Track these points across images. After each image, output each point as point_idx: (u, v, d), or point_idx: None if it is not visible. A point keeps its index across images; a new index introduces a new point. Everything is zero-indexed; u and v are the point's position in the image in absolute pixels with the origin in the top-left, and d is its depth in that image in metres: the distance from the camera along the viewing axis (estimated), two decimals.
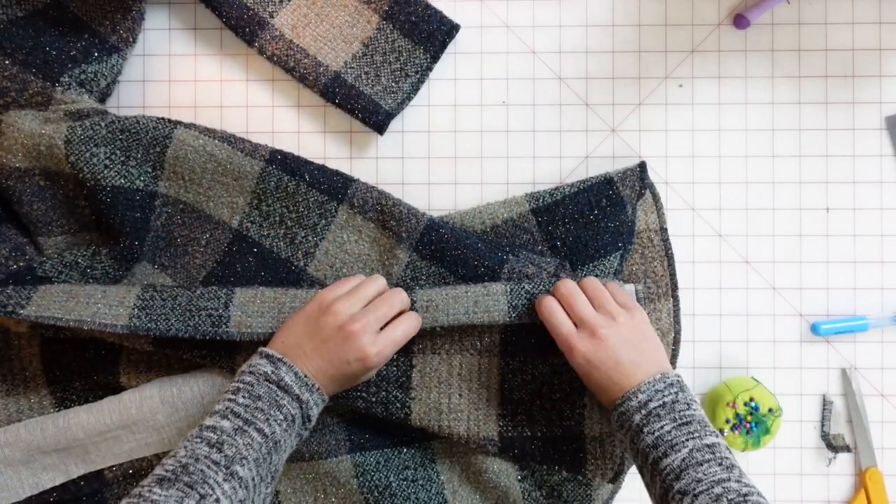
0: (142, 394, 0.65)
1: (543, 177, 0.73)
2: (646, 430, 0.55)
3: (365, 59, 0.71)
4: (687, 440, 0.54)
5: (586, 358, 0.58)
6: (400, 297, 0.61)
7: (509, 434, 0.66)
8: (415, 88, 0.71)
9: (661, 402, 0.56)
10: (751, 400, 0.68)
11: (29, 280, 0.64)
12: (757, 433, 0.68)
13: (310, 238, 0.69)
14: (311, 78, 0.70)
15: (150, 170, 0.67)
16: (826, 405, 0.72)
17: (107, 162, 0.65)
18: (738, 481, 0.51)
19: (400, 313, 0.61)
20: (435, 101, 0.73)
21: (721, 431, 0.68)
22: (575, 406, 0.66)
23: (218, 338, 0.61)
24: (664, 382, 0.57)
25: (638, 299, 0.69)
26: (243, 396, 0.55)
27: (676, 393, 0.57)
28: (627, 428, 0.57)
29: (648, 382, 0.57)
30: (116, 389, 0.66)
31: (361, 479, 0.67)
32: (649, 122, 0.73)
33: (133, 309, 0.61)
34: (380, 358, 0.58)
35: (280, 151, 0.68)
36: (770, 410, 0.68)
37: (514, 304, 0.63)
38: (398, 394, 0.65)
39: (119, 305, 0.61)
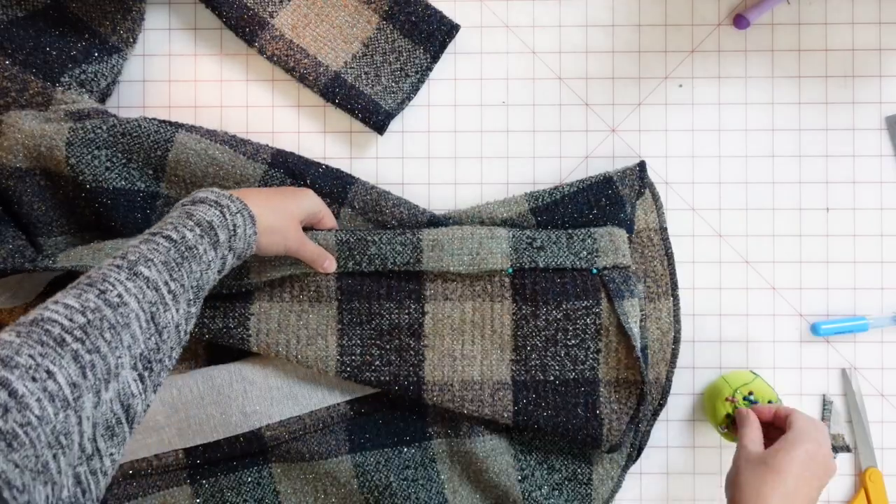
0: None
1: (543, 177, 0.73)
2: None
3: (365, 59, 0.71)
4: None
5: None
6: None
7: (522, 378, 0.66)
8: (415, 88, 0.71)
9: None
10: (750, 394, 0.68)
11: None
12: None
13: None
14: (311, 78, 0.71)
15: (151, 172, 0.67)
16: (826, 405, 0.72)
17: (108, 164, 0.66)
18: None
19: None
20: (435, 101, 0.73)
21: (721, 426, 0.68)
22: (589, 351, 0.66)
23: (244, 290, 0.65)
24: None
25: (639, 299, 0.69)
26: (156, 223, 0.52)
27: None
28: None
29: None
30: None
31: (361, 479, 0.67)
32: (649, 122, 0.73)
33: None
34: (313, 194, 0.64)
35: (282, 153, 0.68)
36: (769, 403, 0.68)
37: (516, 246, 0.66)
38: (411, 342, 0.66)
39: None
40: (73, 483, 0.39)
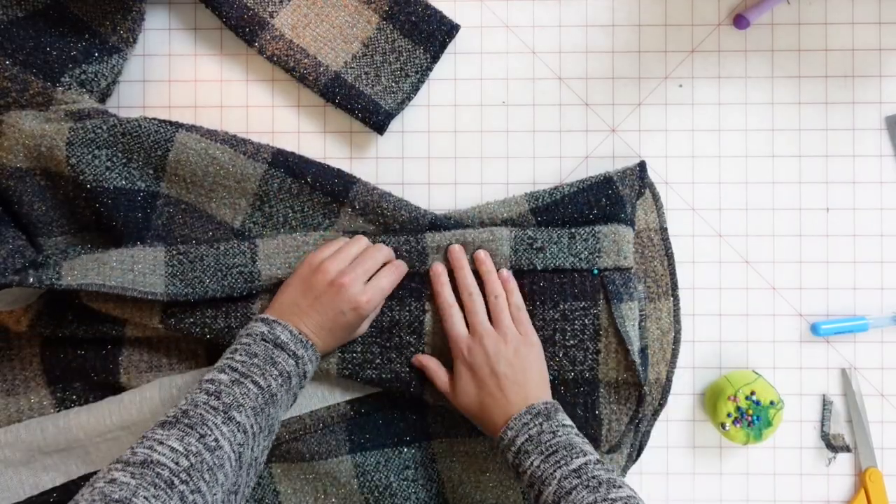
0: (142, 394, 0.65)
1: (543, 177, 0.73)
2: (520, 469, 0.57)
3: (365, 59, 0.71)
4: (554, 471, 0.54)
5: (470, 365, 0.62)
6: (382, 252, 0.65)
7: None
8: (415, 88, 0.71)
9: (526, 435, 0.57)
10: (752, 393, 0.68)
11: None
12: (758, 426, 0.68)
13: None
14: (311, 78, 0.71)
15: (151, 172, 0.67)
16: (826, 405, 0.72)
17: (108, 164, 0.66)
18: (605, 499, 0.51)
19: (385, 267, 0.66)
20: (435, 101, 0.73)
21: (722, 425, 0.68)
22: (588, 352, 0.66)
23: (254, 292, 0.65)
24: (529, 414, 0.59)
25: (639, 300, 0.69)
26: (240, 354, 0.57)
27: (541, 423, 0.58)
28: (511, 467, 0.59)
29: (514, 419, 0.59)
30: (116, 389, 0.67)
31: (361, 479, 0.67)
32: (649, 122, 0.73)
33: (166, 277, 0.64)
34: (371, 305, 0.63)
35: (282, 152, 0.68)
36: (771, 403, 0.68)
37: (516, 248, 0.66)
38: (411, 339, 0.66)
39: (152, 273, 0.63)
40: None
